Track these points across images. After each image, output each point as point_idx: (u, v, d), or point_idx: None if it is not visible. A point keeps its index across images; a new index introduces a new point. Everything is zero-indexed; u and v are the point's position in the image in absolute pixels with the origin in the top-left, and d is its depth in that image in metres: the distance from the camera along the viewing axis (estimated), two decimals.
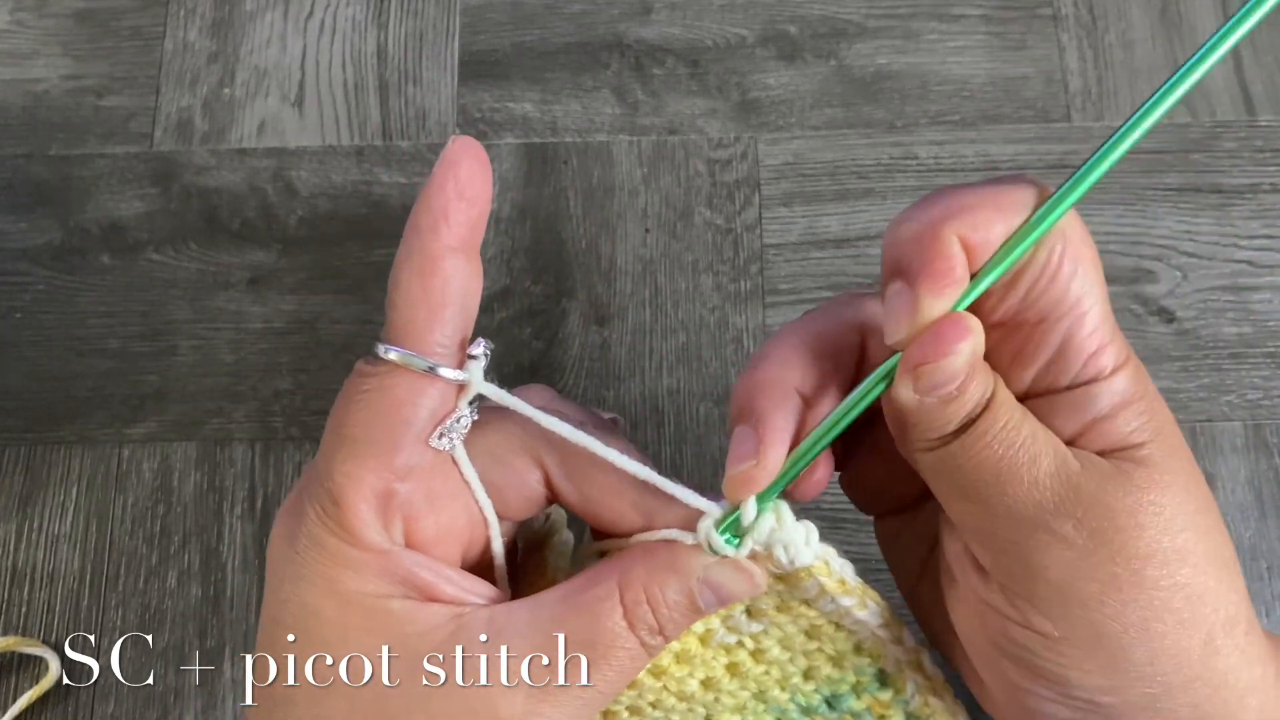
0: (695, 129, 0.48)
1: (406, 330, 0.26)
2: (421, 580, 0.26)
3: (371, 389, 0.26)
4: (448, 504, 0.27)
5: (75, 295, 0.47)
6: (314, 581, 0.26)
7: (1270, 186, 0.46)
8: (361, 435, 0.26)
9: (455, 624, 0.26)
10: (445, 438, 0.27)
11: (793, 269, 0.46)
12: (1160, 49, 0.48)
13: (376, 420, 0.26)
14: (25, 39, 0.51)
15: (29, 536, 0.44)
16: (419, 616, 0.25)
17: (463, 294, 0.26)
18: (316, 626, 0.25)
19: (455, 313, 0.26)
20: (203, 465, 0.44)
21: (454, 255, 0.26)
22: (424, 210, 0.26)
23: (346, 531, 0.25)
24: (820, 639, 0.30)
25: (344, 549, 0.25)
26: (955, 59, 0.49)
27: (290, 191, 0.48)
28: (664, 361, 0.45)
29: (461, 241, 0.26)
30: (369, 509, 0.26)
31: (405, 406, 0.26)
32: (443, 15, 0.50)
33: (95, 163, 0.49)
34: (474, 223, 0.26)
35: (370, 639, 0.25)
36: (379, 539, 0.26)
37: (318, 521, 0.26)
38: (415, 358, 0.26)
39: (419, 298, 0.26)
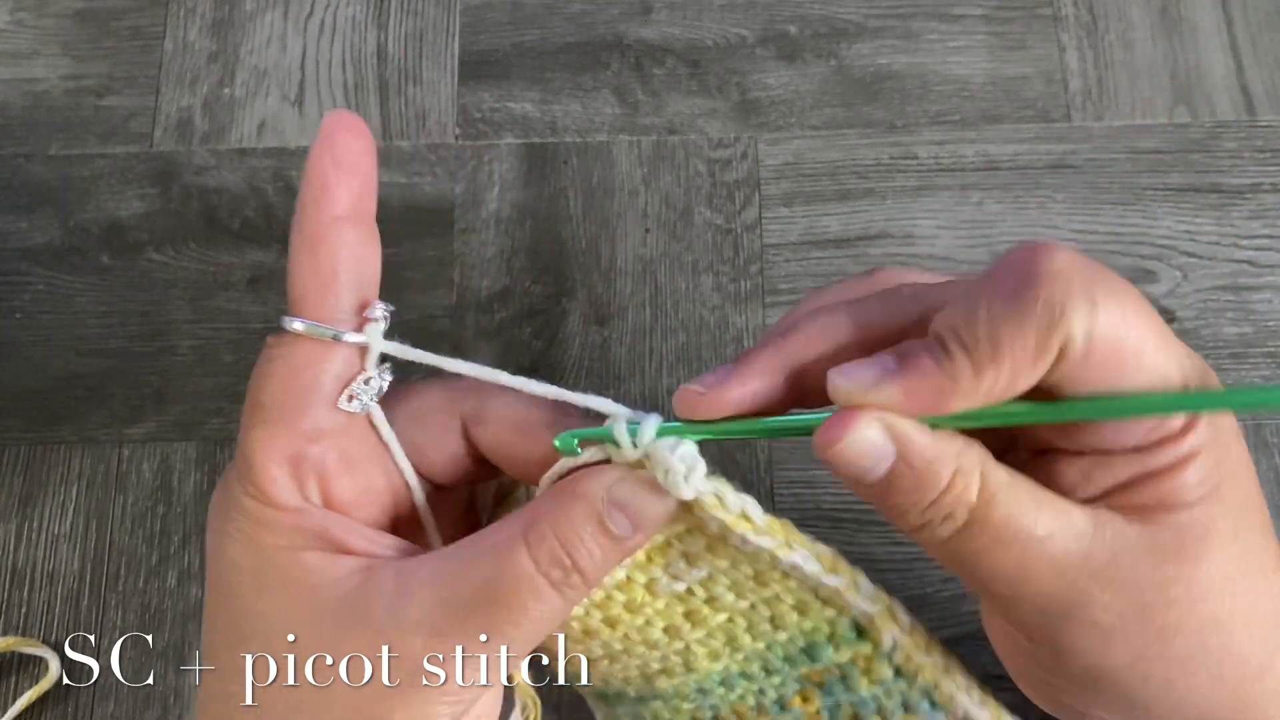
0: (695, 129, 0.48)
1: (302, 301, 0.27)
2: (333, 535, 0.27)
3: (276, 358, 0.27)
4: (365, 466, 0.28)
5: (75, 295, 0.47)
6: (235, 539, 0.27)
7: (1270, 186, 0.46)
8: (269, 402, 0.27)
9: (364, 574, 0.26)
10: (355, 400, 0.28)
11: (793, 269, 0.46)
12: (1160, 49, 0.48)
13: (282, 387, 0.27)
14: (25, 39, 0.51)
15: (29, 536, 0.44)
16: (329, 567, 0.26)
17: (355, 261, 0.27)
18: (236, 580, 0.27)
19: (349, 280, 0.27)
20: (203, 465, 0.44)
21: (339, 224, 0.27)
22: (305, 185, 0.27)
23: (260, 492, 0.27)
24: (770, 585, 0.29)
25: (259, 508, 0.27)
26: (955, 59, 0.49)
27: (290, 191, 0.48)
28: (664, 361, 0.45)
29: (346, 210, 0.27)
30: (280, 470, 0.27)
31: (308, 372, 0.27)
32: (443, 15, 0.50)
33: (95, 163, 0.49)
34: (357, 192, 0.27)
35: (284, 589, 0.26)
36: (291, 499, 0.27)
37: (237, 485, 0.27)
38: (316, 326, 0.27)
39: (309, 269, 0.27)
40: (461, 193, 0.48)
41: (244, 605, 0.26)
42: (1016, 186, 0.47)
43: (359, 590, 0.26)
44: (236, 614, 0.27)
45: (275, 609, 0.26)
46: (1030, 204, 0.46)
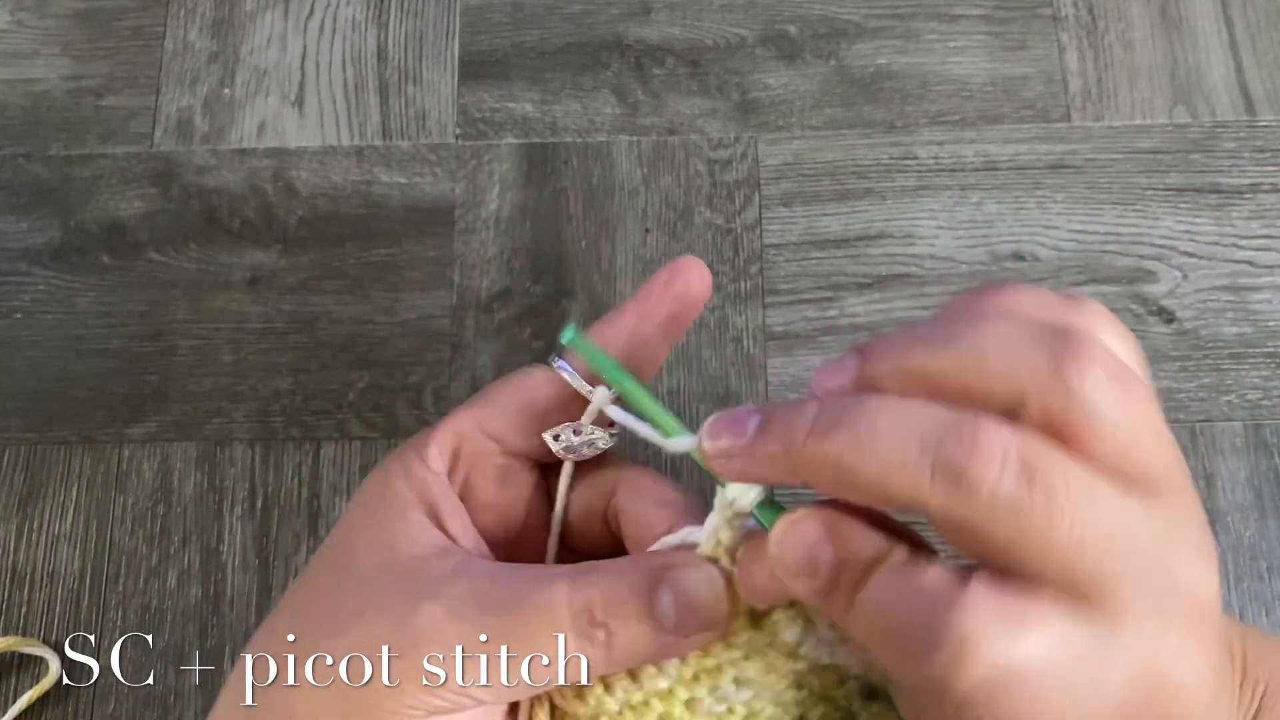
0: (695, 129, 0.48)
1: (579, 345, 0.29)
2: (441, 506, 0.28)
3: (523, 374, 0.30)
4: (512, 487, 0.30)
5: (75, 295, 0.47)
6: (378, 476, 0.29)
7: (1270, 186, 0.46)
8: (493, 395, 0.30)
9: (438, 553, 0.27)
10: (559, 440, 0.29)
11: (793, 269, 0.46)
12: (1160, 49, 0.49)
13: (511, 391, 0.30)
14: (25, 39, 0.51)
15: (29, 536, 0.44)
16: (420, 533, 0.28)
17: (647, 361, 0.30)
18: (357, 511, 0.29)
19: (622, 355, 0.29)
20: (203, 465, 0.44)
21: (658, 329, 0.29)
22: (646, 289, 0.30)
23: (421, 448, 0.29)
24: (807, 683, 0.29)
25: (410, 459, 0.29)
26: (955, 59, 0.49)
27: (290, 191, 0.48)
28: (664, 361, 0.45)
29: (663, 324, 0.29)
30: (448, 439, 0.29)
31: (535, 394, 0.29)
32: (443, 15, 0.51)
33: (95, 163, 0.49)
34: (684, 322, 0.30)
35: (377, 533, 0.28)
36: (437, 464, 0.29)
37: (412, 442, 0.29)
38: (572, 374, 0.29)
39: (607, 326, 0.29)
40: (461, 193, 0.48)
41: (346, 534, 0.29)
42: (1016, 186, 0.47)
43: (425, 559, 0.27)
44: (337, 540, 0.29)
45: (361, 546, 0.28)
46: (1030, 204, 0.46)
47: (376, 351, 0.46)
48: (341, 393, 0.45)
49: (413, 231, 0.47)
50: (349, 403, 0.45)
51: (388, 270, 0.47)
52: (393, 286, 0.46)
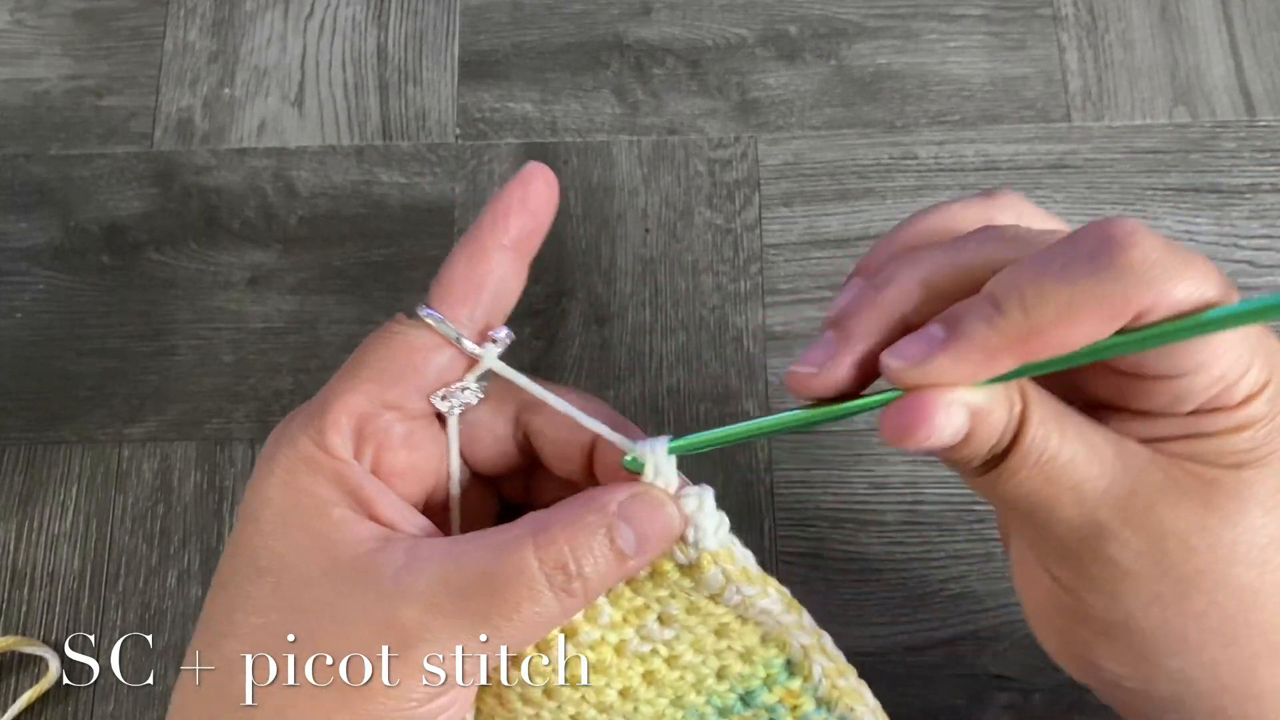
0: (695, 129, 0.48)
1: (443, 299, 0.29)
2: (366, 494, 0.28)
3: (396, 334, 0.29)
4: (421, 445, 0.30)
5: (75, 295, 0.47)
6: (277, 475, 0.28)
7: (1270, 186, 0.46)
8: (370, 363, 0.29)
9: (380, 543, 0.27)
10: (447, 400, 0.29)
11: (793, 269, 0.46)
12: (1160, 49, 0.49)
13: (389, 356, 0.29)
14: (25, 39, 0.51)
15: (29, 536, 0.44)
16: (352, 527, 0.27)
17: (501, 286, 0.29)
18: (266, 513, 0.28)
19: (489, 300, 0.29)
20: (203, 465, 0.44)
21: (503, 251, 0.29)
22: (489, 208, 0.29)
23: (320, 435, 0.28)
24: (729, 636, 0.30)
25: (311, 450, 0.28)
26: (955, 59, 0.49)
27: (290, 191, 0.48)
28: (664, 361, 0.45)
29: (514, 243, 0.29)
30: (347, 423, 0.28)
31: (418, 355, 0.29)
32: (443, 15, 0.51)
33: (95, 163, 0.49)
34: (529, 231, 0.29)
35: (306, 535, 0.27)
36: (343, 451, 0.28)
37: (299, 426, 0.28)
38: (446, 324, 0.29)
39: (462, 275, 0.29)
40: (461, 193, 0.48)
41: (265, 541, 0.27)
42: (1016, 186, 0.47)
43: (371, 555, 0.27)
44: (256, 547, 0.27)
45: (293, 551, 0.27)
46: None
47: None
48: None
49: (413, 231, 0.47)
50: None
51: (388, 270, 0.47)
52: (393, 286, 0.46)
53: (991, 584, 0.41)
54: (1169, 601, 0.25)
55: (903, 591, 0.41)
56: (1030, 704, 0.40)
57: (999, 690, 0.40)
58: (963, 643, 0.41)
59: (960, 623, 0.41)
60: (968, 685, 0.40)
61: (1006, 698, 0.40)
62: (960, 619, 0.41)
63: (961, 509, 0.42)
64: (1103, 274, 0.23)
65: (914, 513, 0.42)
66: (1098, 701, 0.29)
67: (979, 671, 0.41)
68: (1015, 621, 0.41)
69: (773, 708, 0.31)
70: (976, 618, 0.41)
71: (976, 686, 0.40)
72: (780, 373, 0.44)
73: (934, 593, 0.41)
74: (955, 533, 0.42)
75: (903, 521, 0.42)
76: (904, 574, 0.42)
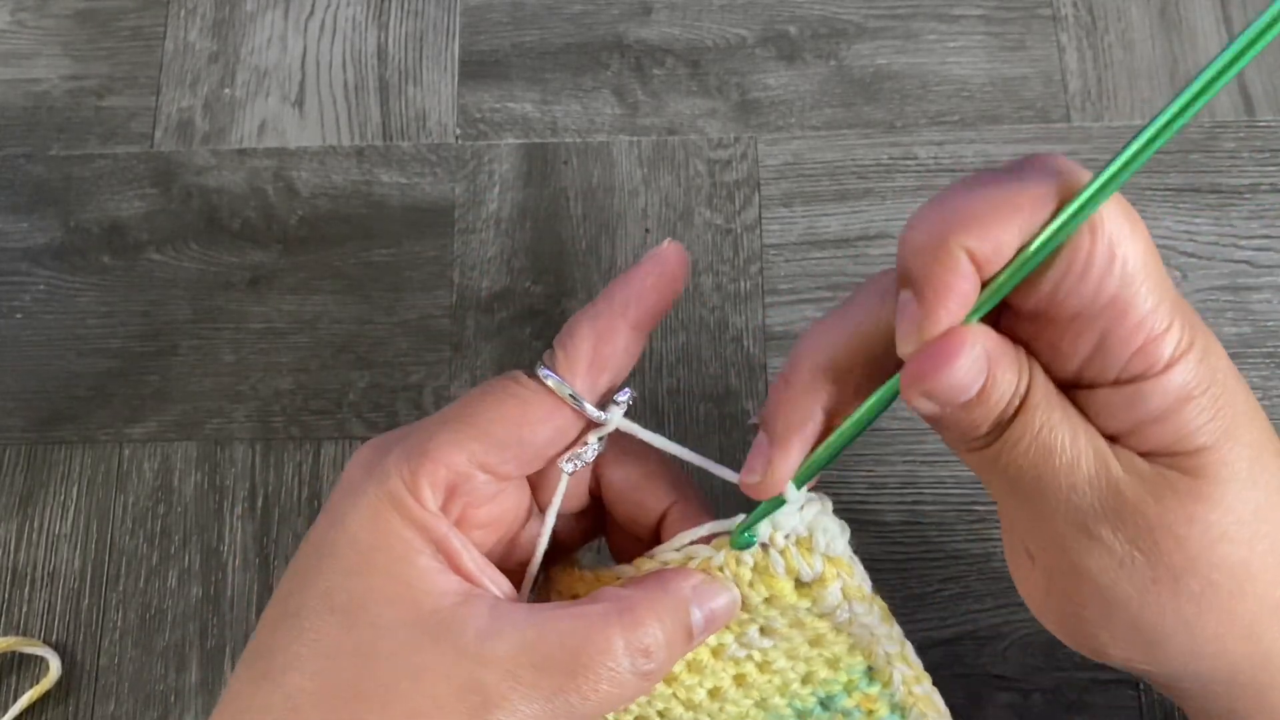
0: (695, 129, 0.48)
1: (570, 366, 0.29)
2: (450, 547, 0.27)
3: (516, 394, 0.28)
4: (508, 501, 0.30)
5: (75, 295, 0.47)
6: (365, 510, 0.27)
7: (1270, 186, 0.46)
8: (481, 422, 0.28)
9: (463, 598, 0.27)
10: (570, 463, 0.30)
11: (793, 269, 0.46)
12: (1160, 49, 0.49)
13: (501, 419, 0.28)
14: (25, 39, 0.51)
15: (29, 536, 0.44)
16: (435, 579, 0.27)
17: (620, 364, 0.29)
18: (348, 552, 0.27)
19: (609, 377, 0.29)
20: (203, 465, 0.44)
21: (630, 331, 0.29)
22: (621, 286, 0.29)
23: (414, 481, 0.27)
24: (822, 645, 0.30)
25: (403, 494, 0.27)
26: (955, 59, 0.49)
27: (290, 191, 0.48)
28: (664, 361, 0.45)
29: (640, 322, 0.29)
30: (444, 477, 0.27)
31: (531, 425, 0.28)
32: (443, 15, 0.51)
33: (95, 163, 0.49)
34: (656, 311, 0.29)
35: (387, 580, 0.26)
36: (431, 503, 0.27)
37: (396, 464, 0.27)
38: (567, 386, 0.28)
39: (588, 354, 0.29)
40: (461, 193, 0.48)
41: (344, 579, 0.27)
42: None
43: (454, 610, 0.26)
44: (333, 584, 0.27)
45: (372, 595, 0.26)
46: None
47: (376, 351, 0.46)
48: (342, 393, 0.45)
49: (413, 232, 0.47)
50: (349, 403, 0.45)
51: (388, 270, 0.47)
52: (393, 286, 0.46)
53: (991, 584, 0.41)
54: (1165, 587, 0.25)
55: (902, 591, 0.41)
56: (1030, 704, 0.40)
57: (999, 690, 0.40)
58: (963, 643, 0.41)
59: (960, 623, 0.41)
60: (967, 685, 0.40)
61: (1006, 698, 0.40)
62: (960, 619, 0.41)
63: (961, 509, 0.42)
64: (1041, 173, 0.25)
65: (913, 513, 0.42)
66: (1098, 701, 0.29)
67: (979, 671, 0.41)
68: (1015, 621, 0.41)
69: (849, 711, 0.31)
70: (976, 618, 0.41)
71: (976, 686, 0.40)
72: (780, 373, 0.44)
73: (934, 593, 0.41)
74: (955, 533, 0.42)
75: (902, 521, 0.42)
76: (903, 574, 0.42)
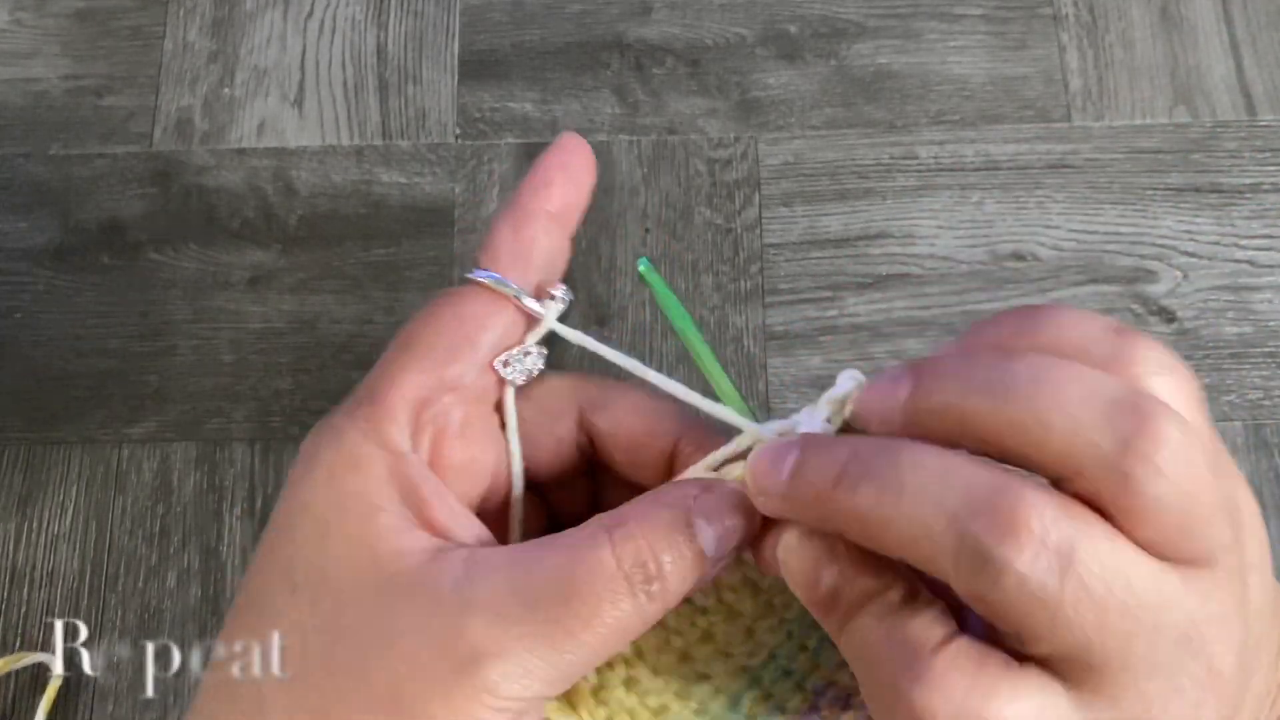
0: (695, 129, 0.48)
1: (492, 261, 0.27)
2: (422, 494, 0.25)
3: (445, 305, 0.27)
4: (479, 438, 0.27)
5: (75, 295, 0.47)
6: (318, 477, 0.25)
7: (1270, 186, 0.46)
8: (422, 340, 0.26)
9: (433, 554, 0.24)
10: (509, 367, 0.27)
11: (793, 269, 0.46)
12: (1160, 49, 0.48)
13: (442, 329, 0.26)
14: (25, 38, 0.51)
15: (29, 536, 0.44)
16: (399, 538, 0.24)
17: (548, 254, 0.27)
18: (304, 523, 0.25)
19: (539, 262, 0.27)
20: (202, 465, 0.44)
21: (548, 219, 0.27)
22: (529, 178, 0.28)
23: (372, 425, 0.25)
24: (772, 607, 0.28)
25: (360, 444, 0.25)
26: (955, 59, 0.49)
27: (290, 191, 0.48)
28: (664, 361, 0.45)
29: (558, 210, 0.27)
30: (405, 407, 0.25)
31: (473, 323, 0.26)
32: (443, 15, 0.50)
33: (95, 162, 0.49)
34: (571, 200, 0.28)
35: (348, 547, 0.24)
36: (401, 441, 0.25)
37: (345, 416, 0.25)
38: (504, 281, 0.26)
39: (510, 238, 0.27)
40: (461, 193, 0.48)
41: (300, 552, 0.24)
42: (1016, 186, 0.47)
43: (423, 568, 0.24)
44: (291, 558, 0.24)
45: (333, 565, 0.24)
46: (1030, 204, 0.46)
47: (376, 351, 0.45)
48: (342, 393, 0.45)
49: (412, 231, 0.47)
50: None
51: (388, 270, 0.47)
52: (393, 286, 0.46)
53: None
54: None
55: None
56: None
57: None
58: None
59: None
60: None
61: None
62: None
63: None
64: None
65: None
66: None
67: None
68: None
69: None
70: None
71: None
72: (780, 373, 0.44)
73: None
74: None
75: None
76: None
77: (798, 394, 0.44)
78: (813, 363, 0.45)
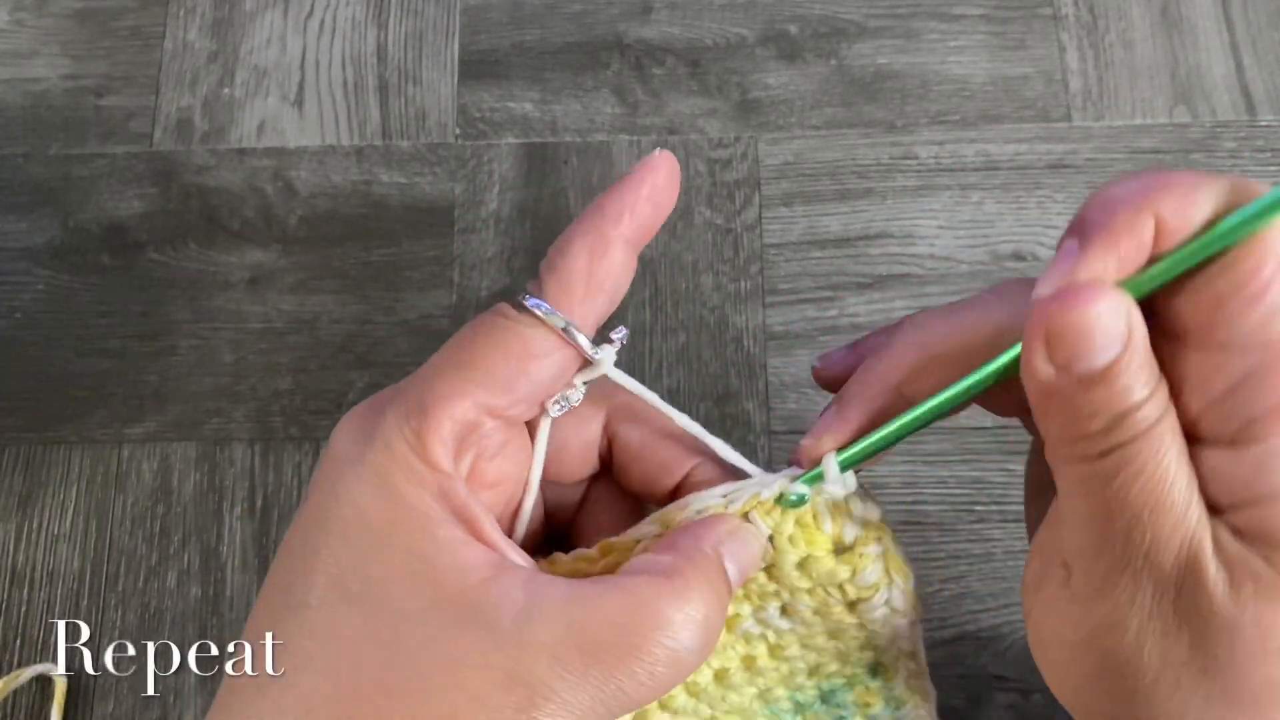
0: (695, 129, 0.48)
1: (562, 296, 0.26)
2: (471, 514, 0.25)
3: (510, 329, 0.26)
4: (513, 456, 0.27)
5: (75, 295, 0.47)
6: (372, 482, 0.24)
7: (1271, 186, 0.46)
8: (481, 364, 0.26)
9: (493, 572, 0.24)
10: (557, 404, 0.27)
11: (793, 269, 0.46)
12: (1160, 49, 0.48)
13: (503, 358, 0.26)
14: (25, 39, 0.51)
15: (29, 536, 0.44)
16: (460, 552, 0.24)
17: (616, 284, 0.27)
18: (358, 531, 0.24)
19: (606, 300, 0.27)
20: (202, 465, 0.44)
21: (626, 246, 0.27)
22: (613, 198, 0.27)
23: (420, 443, 0.25)
24: (841, 638, 0.29)
25: (412, 459, 0.24)
26: (955, 59, 0.49)
27: (290, 191, 0.48)
28: (664, 361, 0.45)
29: (634, 236, 0.27)
30: (451, 431, 0.25)
31: (535, 360, 0.26)
32: (443, 15, 0.50)
33: (95, 162, 0.49)
34: (649, 225, 0.27)
35: (408, 559, 0.24)
36: (446, 463, 0.25)
37: (395, 425, 0.25)
38: (561, 318, 0.26)
39: (583, 271, 0.26)
40: (461, 193, 0.48)
41: (357, 560, 0.24)
42: (1016, 186, 0.47)
43: (485, 588, 0.24)
44: (345, 567, 0.24)
45: (391, 578, 0.24)
46: (1030, 204, 0.46)
47: (376, 351, 0.46)
48: (341, 393, 0.45)
49: (413, 231, 0.47)
50: (349, 403, 0.45)
51: (388, 270, 0.47)
52: (393, 286, 0.46)
53: (991, 584, 0.41)
54: (1202, 681, 0.22)
55: None
56: (1030, 704, 0.40)
57: (999, 690, 0.40)
58: (963, 643, 0.41)
59: (960, 623, 0.41)
60: (968, 685, 0.40)
61: (1006, 698, 0.40)
62: (960, 619, 0.41)
63: (961, 509, 0.42)
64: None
65: (914, 513, 0.42)
66: None
67: (979, 672, 0.41)
68: (1015, 621, 0.41)
69: (846, 705, 0.30)
70: (976, 618, 0.41)
71: (976, 686, 0.40)
72: (780, 373, 0.44)
73: (934, 593, 0.41)
74: (955, 533, 0.42)
75: (902, 521, 0.42)
76: None
77: (798, 394, 0.44)
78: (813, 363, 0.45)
